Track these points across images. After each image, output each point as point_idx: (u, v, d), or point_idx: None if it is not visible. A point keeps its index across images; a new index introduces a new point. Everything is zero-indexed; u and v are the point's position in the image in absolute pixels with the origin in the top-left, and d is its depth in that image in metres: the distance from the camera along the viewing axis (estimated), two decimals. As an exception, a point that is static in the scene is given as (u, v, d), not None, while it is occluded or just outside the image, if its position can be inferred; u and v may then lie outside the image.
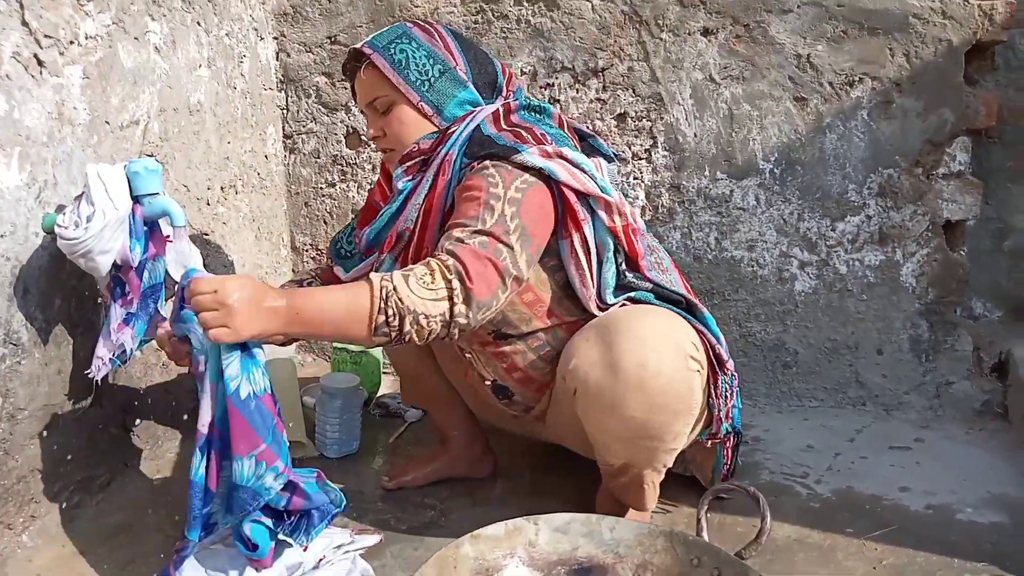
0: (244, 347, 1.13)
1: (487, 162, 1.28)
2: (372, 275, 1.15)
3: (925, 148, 1.92)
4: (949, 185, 1.92)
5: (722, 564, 1.12)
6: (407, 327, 1.14)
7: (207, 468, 1.15)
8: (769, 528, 1.14)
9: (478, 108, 1.37)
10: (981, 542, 1.38)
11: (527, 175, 1.27)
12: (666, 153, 2.04)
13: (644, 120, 2.04)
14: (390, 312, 1.12)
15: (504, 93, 1.41)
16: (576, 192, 1.29)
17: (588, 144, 1.43)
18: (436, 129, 1.36)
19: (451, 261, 1.16)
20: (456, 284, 1.15)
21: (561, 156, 1.30)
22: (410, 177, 1.36)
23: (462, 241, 1.19)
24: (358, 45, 1.39)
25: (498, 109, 1.36)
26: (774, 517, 1.36)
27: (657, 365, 1.19)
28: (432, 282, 1.15)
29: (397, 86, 1.35)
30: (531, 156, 1.27)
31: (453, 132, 1.33)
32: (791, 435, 1.85)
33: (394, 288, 1.13)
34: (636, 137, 2.06)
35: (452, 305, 1.15)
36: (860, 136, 1.94)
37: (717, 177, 2.03)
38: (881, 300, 1.98)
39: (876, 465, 1.69)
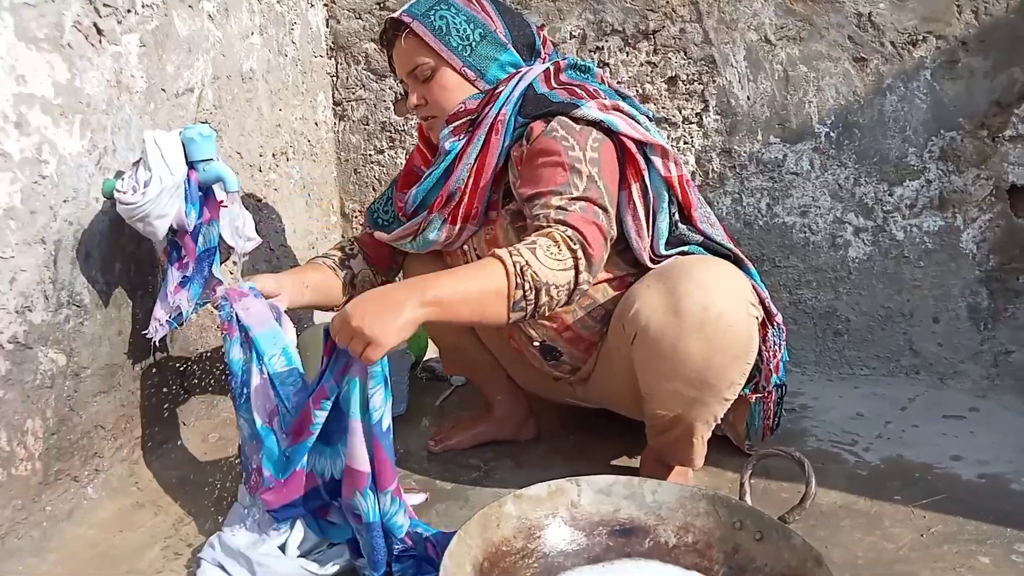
0: (386, 380, 1.12)
1: (553, 123, 1.29)
2: (499, 251, 1.14)
3: (991, 109, 1.84)
4: (1016, 148, 1.84)
5: (765, 528, 1.12)
6: (543, 298, 1.15)
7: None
8: (814, 493, 1.13)
9: (524, 68, 1.37)
10: (1036, 513, 1.35)
11: (595, 132, 1.29)
12: (718, 117, 2.00)
13: (696, 83, 2.00)
14: (527, 286, 1.13)
15: (541, 55, 1.41)
16: (635, 142, 1.30)
17: (627, 104, 1.42)
18: (480, 92, 1.37)
19: (569, 231, 1.18)
20: (580, 253, 1.17)
21: (618, 108, 1.32)
22: (458, 137, 1.37)
23: (565, 209, 1.20)
24: (395, 14, 1.39)
25: (548, 68, 1.37)
26: (820, 484, 1.34)
27: (719, 308, 1.20)
28: (559, 252, 1.16)
29: (439, 52, 1.35)
30: (590, 110, 1.28)
31: (501, 92, 1.34)
32: (840, 403, 1.83)
33: (527, 263, 1.13)
34: (687, 101, 2.02)
35: (577, 273, 1.17)
36: (922, 97, 1.87)
37: (770, 141, 1.98)
38: (939, 267, 1.92)
39: (928, 434, 1.66)
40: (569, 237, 1.17)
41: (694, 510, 1.19)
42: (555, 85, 1.35)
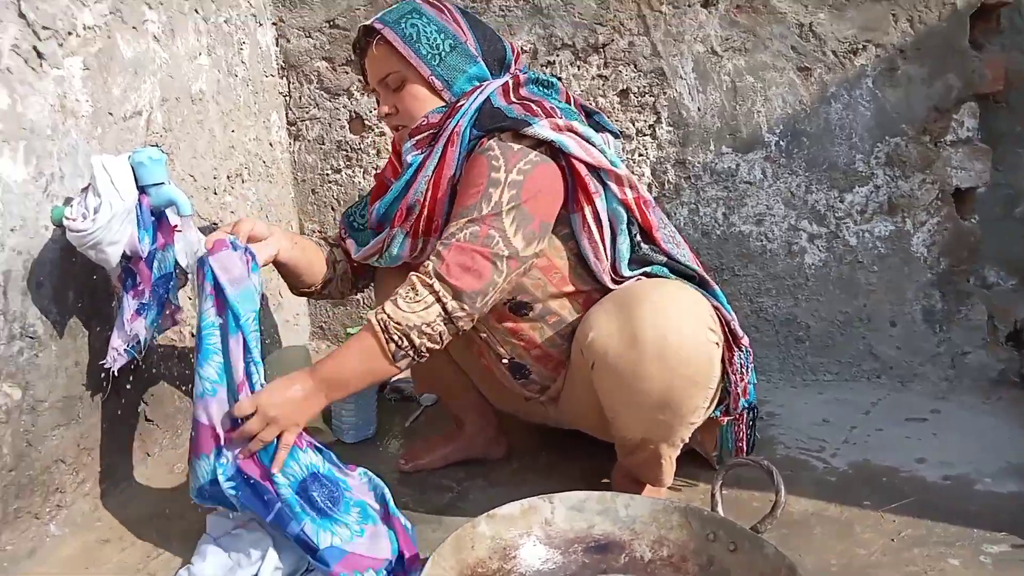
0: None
1: (492, 141, 1.29)
2: (369, 315, 1.25)
3: (932, 115, 1.90)
4: (957, 152, 1.90)
5: (737, 538, 1.12)
6: (416, 340, 1.22)
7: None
8: (784, 502, 1.14)
9: (487, 82, 1.37)
10: (1000, 512, 1.38)
11: (533, 154, 1.28)
12: (670, 128, 2.03)
13: (647, 95, 2.03)
14: (396, 337, 1.22)
15: (512, 70, 1.41)
16: (587, 165, 1.30)
17: (594, 120, 1.43)
18: (445, 104, 1.36)
19: (431, 266, 1.24)
20: (438, 286, 1.22)
21: (571, 130, 1.30)
22: (419, 151, 1.37)
23: (453, 236, 1.25)
24: (368, 22, 1.39)
25: (507, 82, 1.37)
26: (791, 492, 1.36)
27: (677, 336, 1.20)
28: (416, 295, 1.23)
29: (408, 59, 1.35)
30: (542, 128, 1.28)
31: (462, 105, 1.34)
32: (806, 409, 1.85)
33: (388, 316, 1.22)
34: (639, 113, 2.04)
35: (443, 305, 1.22)
36: (865, 105, 1.92)
37: (722, 151, 2.01)
38: (892, 271, 1.97)
39: (892, 437, 1.69)
40: (426, 274, 1.24)
41: (667, 523, 1.19)
42: (513, 99, 1.34)
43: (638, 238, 1.34)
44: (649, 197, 1.39)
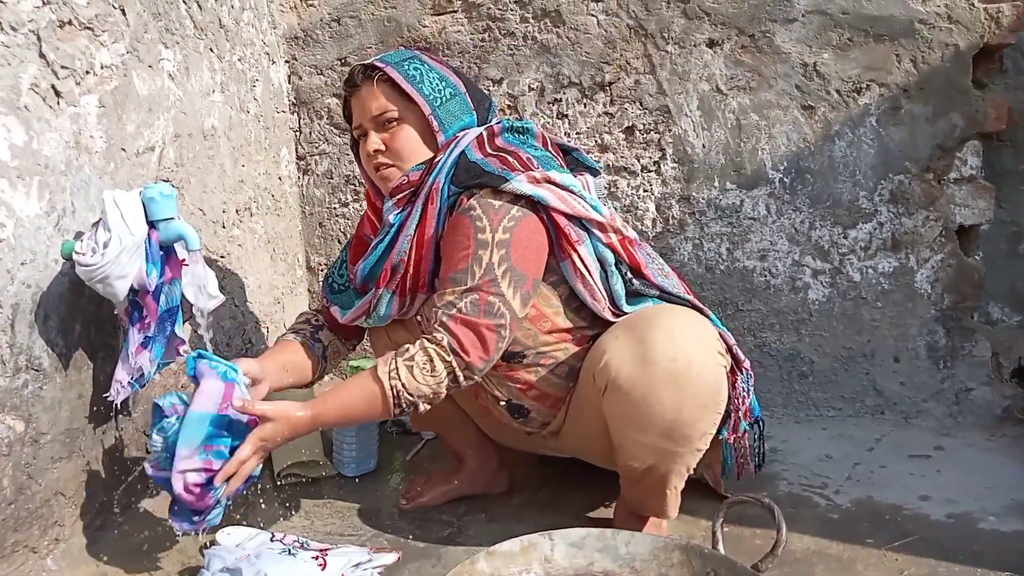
0: None
1: (473, 200, 1.30)
2: (380, 370, 1.27)
3: (935, 153, 1.91)
4: (961, 190, 1.91)
5: (739, 577, 1.12)
6: (422, 407, 1.28)
7: None
8: (785, 540, 1.13)
9: (461, 134, 1.38)
10: (1005, 551, 1.36)
11: (515, 209, 1.29)
12: (675, 165, 2.05)
13: (652, 132, 2.05)
14: (405, 404, 1.27)
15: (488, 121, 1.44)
16: (567, 216, 1.31)
17: (572, 158, 1.45)
18: (432, 153, 1.38)
19: (446, 340, 1.26)
20: (454, 361, 1.26)
21: (549, 180, 1.32)
22: (400, 209, 1.39)
23: (453, 306, 1.27)
24: (367, 61, 1.41)
25: (482, 133, 1.38)
26: (792, 529, 1.36)
27: (688, 359, 1.21)
28: (432, 370, 1.26)
29: (412, 96, 1.37)
30: (520, 184, 1.29)
31: (439, 161, 1.35)
32: (809, 445, 1.84)
33: (404, 386, 1.26)
34: (645, 150, 2.07)
35: (455, 377, 1.27)
36: (869, 143, 1.94)
37: (727, 187, 2.03)
38: (896, 307, 1.97)
39: (896, 474, 1.68)
40: (443, 348, 1.26)
41: (668, 561, 1.18)
42: (489, 151, 1.35)
43: (628, 275, 1.36)
44: (633, 235, 1.41)
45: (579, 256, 1.32)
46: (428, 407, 1.29)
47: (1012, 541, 1.40)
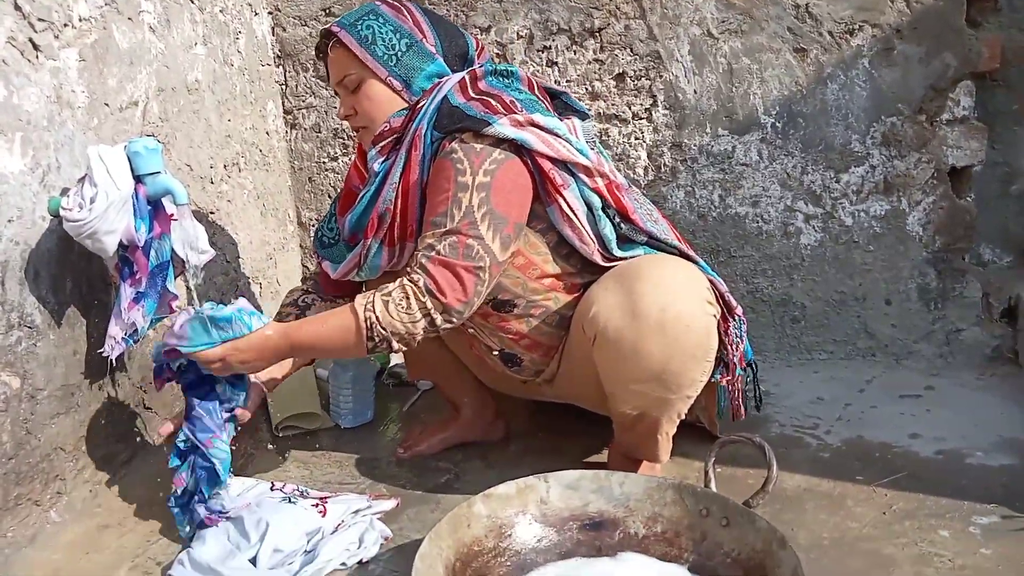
0: None
1: (455, 143, 1.29)
2: (356, 302, 1.26)
3: (928, 94, 1.90)
4: (953, 131, 1.90)
5: (730, 513, 1.14)
6: (396, 344, 1.26)
7: None
8: (776, 476, 1.16)
9: (444, 78, 1.37)
10: (992, 484, 1.39)
11: (497, 152, 1.28)
12: (666, 111, 2.03)
13: (643, 79, 2.03)
14: (377, 339, 1.25)
15: (474, 64, 1.41)
16: (552, 159, 1.30)
17: (561, 102, 1.43)
18: (406, 105, 1.37)
19: (422, 281, 1.25)
20: (429, 303, 1.24)
21: (533, 124, 1.30)
22: (384, 157, 1.38)
23: (432, 248, 1.26)
24: (328, 25, 1.40)
25: (464, 78, 1.35)
26: (784, 468, 1.38)
27: (677, 309, 1.22)
28: (408, 307, 1.24)
29: (364, 62, 1.36)
30: (502, 127, 1.27)
31: (422, 106, 1.34)
32: (801, 388, 1.86)
33: (377, 319, 1.24)
34: (636, 96, 2.04)
35: (431, 319, 1.24)
36: (862, 85, 1.92)
37: (719, 133, 2.01)
38: (888, 250, 1.97)
39: (886, 414, 1.70)
40: (419, 288, 1.25)
41: (661, 500, 1.21)
42: (472, 95, 1.33)
43: (616, 220, 1.35)
44: (621, 180, 1.39)
45: (565, 201, 1.31)
46: (402, 347, 1.26)
47: (999, 475, 1.42)
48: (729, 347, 1.37)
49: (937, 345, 1.97)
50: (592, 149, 1.37)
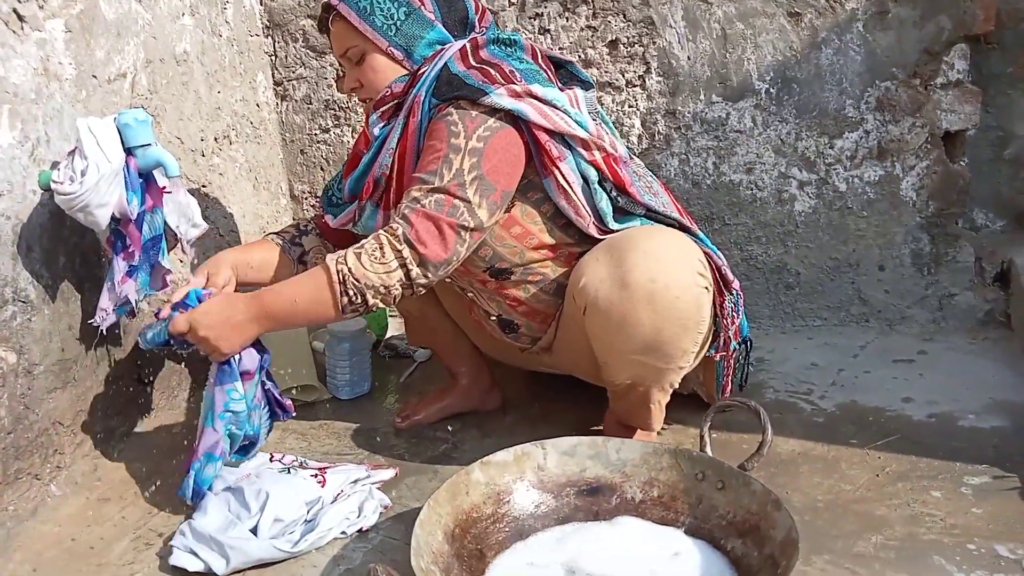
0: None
1: (451, 107, 1.28)
2: (328, 258, 1.24)
3: (922, 58, 1.89)
4: (948, 95, 1.90)
5: (725, 477, 1.16)
6: (370, 299, 1.22)
7: None
8: (771, 440, 1.17)
9: (446, 46, 1.36)
10: (983, 446, 1.41)
11: (492, 120, 1.27)
12: (660, 79, 2.02)
13: (636, 46, 2.01)
14: (351, 292, 1.22)
15: (476, 30, 1.40)
16: (549, 131, 1.29)
17: (566, 71, 1.42)
18: (408, 73, 1.36)
19: (401, 229, 1.22)
20: (407, 252, 1.21)
21: (531, 95, 1.29)
22: (385, 122, 1.38)
23: (418, 201, 1.24)
24: None
25: (465, 45, 1.35)
26: (779, 433, 1.39)
27: (666, 280, 1.22)
28: (383, 256, 1.22)
29: (364, 33, 1.35)
30: (500, 98, 1.27)
31: (423, 73, 1.33)
32: (795, 354, 1.87)
33: (349, 270, 1.21)
34: (629, 64, 2.03)
35: (408, 271, 1.22)
36: (856, 49, 1.91)
37: (713, 100, 2.00)
38: (881, 216, 1.97)
39: (879, 379, 1.71)
40: (396, 237, 1.22)
41: (657, 465, 1.22)
42: (472, 64, 1.32)
43: (613, 193, 1.35)
44: (620, 152, 1.39)
45: (561, 173, 1.31)
46: (378, 302, 1.24)
47: (990, 437, 1.44)
48: (724, 320, 1.36)
49: (930, 310, 1.98)
50: (595, 120, 1.36)
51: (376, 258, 1.22)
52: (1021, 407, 1.53)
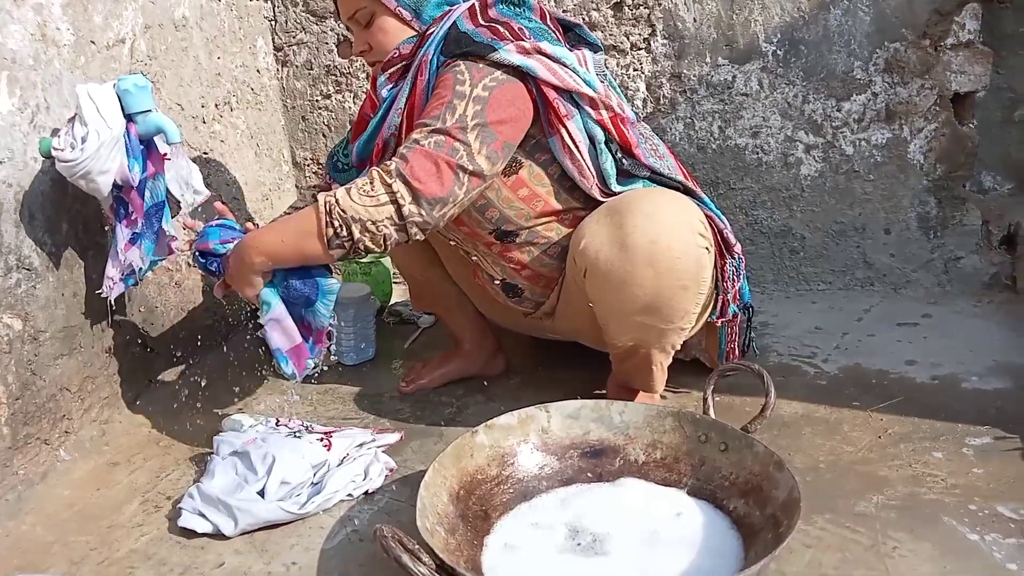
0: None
1: (458, 60, 1.27)
2: (319, 195, 1.21)
3: (932, 18, 1.85)
4: (958, 56, 1.87)
5: (728, 439, 1.16)
6: (356, 234, 1.19)
7: None
8: (774, 402, 1.17)
9: (455, 6, 1.35)
10: (985, 407, 1.41)
11: (499, 72, 1.26)
12: (665, 41, 1.99)
13: (641, 7, 1.98)
14: (336, 224, 1.18)
15: None
16: (557, 88, 1.28)
17: (574, 34, 1.41)
18: (416, 34, 1.34)
19: (394, 165, 1.19)
20: (398, 186, 1.18)
21: (540, 52, 1.28)
22: (393, 84, 1.36)
23: (417, 142, 1.21)
24: None
25: (474, 4, 1.33)
26: (782, 396, 1.39)
27: (667, 240, 1.21)
28: (372, 189, 1.19)
29: None
30: (508, 54, 1.26)
31: (431, 33, 1.32)
32: (799, 318, 1.87)
33: (336, 201, 1.19)
34: (634, 26, 2.00)
35: (399, 207, 1.18)
36: (865, 9, 1.88)
37: (719, 63, 1.98)
38: (888, 179, 1.96)
39: (883, 342, 1.71)
40: (388, 171, 1.19)
41: (660, 427, 1.23)
42: (481, 22, 1.31)
43: (619, 155, 1.34)
44: (628, 114, 1.38)
45: (568, 131, 1.30)
46: (365, 239, 1.19)
47: (992, 398, 1.44)
48: (724, 284, 1.36)
49: (935, 273, 1.97)
50: (602, 82, 1.35)
51: (365, 191, 1.19)
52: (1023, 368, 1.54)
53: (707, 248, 1.27)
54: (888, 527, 1.11)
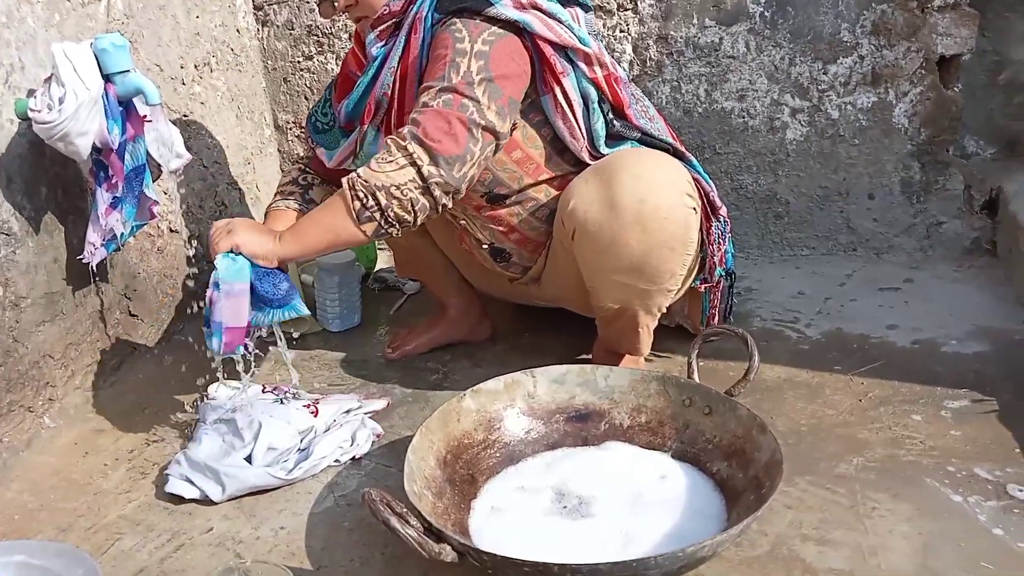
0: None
1: (454, 17, 1.25)
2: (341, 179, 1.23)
3: (921, -21, 1.84)
4: (944, 18, 1.86)
5: (712, 402, 1.18)
6: (384, 201, 1.19)
7: None
8: (757, 366, 1.18)
9: None
10: (964, 371, 1.43)
11: (496, 27, 1.25)
12: (652, 1, 1.96)
13: (628, -33, 1.95)
14: (361, 194, 1.19)
15: None
16: (553, 44, 1.27)
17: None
18: None
19: (407, 129, 1.20)
20: (414, 147, 1.18)
21: (535, 7, 1.27)
22: (383, 42, 1.34)
23: (427, 104, 1.21)
24: None
25: None
26: (765, 361, 1.41)
27: (655, 201, 1.22)
28: (389, 155, 1.19)
29: None
30: (504, 8, 1.24)
31: None
32: (782, 283, 1.89)
33: (358, 175, 1.20)
34: (621, -14, 1.97)
35: (419, 168, 1.18)
36: (854, -30, 1.86)
37: (706, 24, 1.96)
38: (873, 144, 1.96)
39: (865, 307, 1.73)
40: (401, 136, 1.20)
41: (645, 391, 1.24)
42: None
43: (610, 115, 1.33)
44: (620, 73, 1.37)
45: (562, 89, 1.29)
46: (398, 215, 1.19)
47: (971, 362, 1.47)
48: (710, 247, 1.37)
49: (918, 238, 1.98)
50: (595, 41, 1.34)
51: (383, 159, 1.20)
52: (1002, 333, 1.56)
53: (694, 209, 1.27)
54: (867, 488, 1.14)
